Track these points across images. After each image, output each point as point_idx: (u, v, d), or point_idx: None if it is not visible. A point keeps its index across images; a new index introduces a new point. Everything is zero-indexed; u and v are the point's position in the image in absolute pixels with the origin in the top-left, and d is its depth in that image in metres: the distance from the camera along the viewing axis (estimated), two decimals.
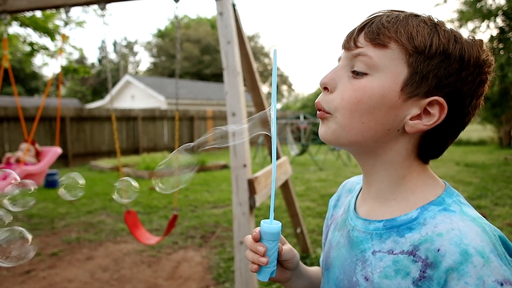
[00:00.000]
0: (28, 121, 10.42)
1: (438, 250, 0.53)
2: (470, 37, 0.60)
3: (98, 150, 12.15)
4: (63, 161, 11.01)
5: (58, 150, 4.76)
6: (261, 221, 0.65)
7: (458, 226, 0.54)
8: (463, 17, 10.14)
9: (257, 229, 0.66)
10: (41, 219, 5.33)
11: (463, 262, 0.51)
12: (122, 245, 4.17)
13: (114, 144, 12.49)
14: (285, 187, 3.38)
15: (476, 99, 0.61)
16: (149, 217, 5.27)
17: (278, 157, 3.24)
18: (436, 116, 0.59)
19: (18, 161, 4.56)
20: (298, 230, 3.53)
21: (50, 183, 7.68)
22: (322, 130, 0.65)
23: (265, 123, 0.71)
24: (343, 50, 0.65)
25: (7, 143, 10.25)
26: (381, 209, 0.66)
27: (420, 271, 0.55)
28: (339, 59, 0.66)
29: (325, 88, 0.65)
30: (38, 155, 4.74)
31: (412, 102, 0.59)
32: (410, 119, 0.59)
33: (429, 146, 0.63)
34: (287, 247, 0.71)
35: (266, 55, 39.44)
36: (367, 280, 0.61)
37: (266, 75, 37.84)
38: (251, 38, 38.57)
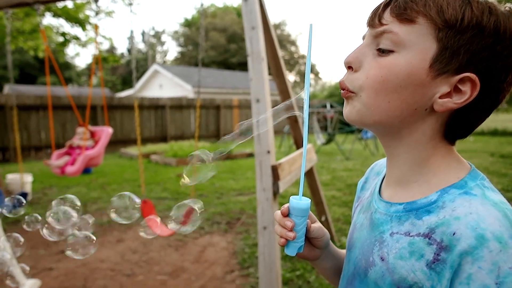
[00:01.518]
0: (62, 109, 10.91)
1: (454, 234, 0.52)
2: (506, 8, 0.56)
3: (128, 137, 12.52)
4: None
5: (109, 130, 5.00)
6: (291, 197, 0.66)
7: (477, 210, 0.52)
8: None
9: (287, 204, 0.67)
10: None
11: (478, 247, 0.49)
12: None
13: (144, 131, 12.84)
14: (309, 175, 3.36)
15: None
16: (176, 203, 5.39)
17: (303, 145, 3.22)
18: (467, 93, 0.55)
19: (79, 146, 4.83)
20: (323, 218, 3.51)
21: (84, 169, 8.02)
22: (347, 110, 0.64)
23: (290, 109, 0.70)
24: (368, 27, 0.62)
25: (43, 131, 10.76)
26: (403, 192, 0.64)
27: (434, 253, 0.53)
28: (364, 37, 0.64)
29: (350, 67, 0.63)
30: (93, 136, 5.00)
31: (441, 80, 0.56)
32: (439, 98, 0.57)
33: (457, 126, 0.60)
34: (317, 225, 0.72)
35: (293, 43, 38.92)
36: (382, 260, 0.61)
37: (292, 63, 37.40)
38: (277, 26, 38.10)
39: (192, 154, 0.71)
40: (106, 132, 5.02)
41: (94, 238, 1.07)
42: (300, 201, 0.65)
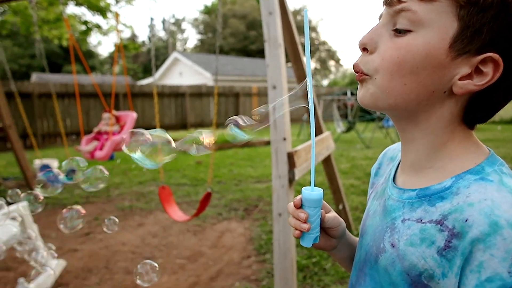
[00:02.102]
0: (85, 97, 11.19)
1: (466, 220, 0.50)
2: None
3: (149, 125, 12.74)
4: None
5: (134, 115, 5.13)
6: (302, 188, 0.65)
7: (492, 197, 0.50)
8: None
9: (299, 196, 0.66)
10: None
11: (491, 234, 0.47)
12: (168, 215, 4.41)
13: (164, 119, 13.04)
14: (327, 163, 3.33)
15: None
16: (195, 189, 5.50)
17: (320, 133, 3.18)
18: (489, 75, 0.52)
19: (106, 132, 5.00)
20: (340, 207, 3.49)
21: None
22: (361, 93, 0.62)
23: (305, 97, 0.68)
24: (384, 6, 0.59)
25: (69, 118, 11.10)
26: (417, 178, 0.62)
27: (446, 240, 0.52)
28: (380, 17, 0.61)
29: (364, 49, 0.60)
30: (118, 121, 5.16)
31: (461, 60, 0.53)
32: (459, 79, 0.54)
33: (478, 109, 0.57)
34: (332, 214, 0.71)
35: (313, 29, 38.19)
36: (393, 246, 0.59)
37: (312, 49, 36.76)
38: (297, 12, 37.41)
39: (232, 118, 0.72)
40: (130, 116, 5.16)
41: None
42: (312, 192, 0.64)
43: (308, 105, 0.65)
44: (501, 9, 0.50)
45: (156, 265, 1.15)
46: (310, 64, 0.66)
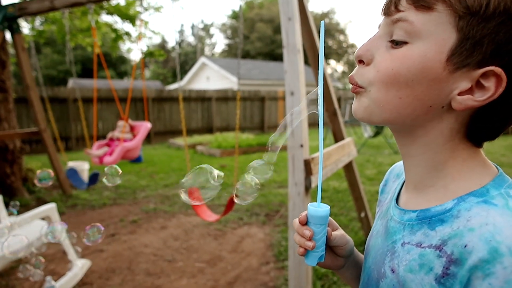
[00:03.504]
0: (114, 101, 11.61)
1: (465, 246, 0.47)
2: None
3: (176, 128, 13.02)
4: (146, 138, 12.08)
5: (148, 125, 5.27)
6: (308, 204, 0.63)
7: (494, 221, 0.46)
8: None
9: (305, 212, 0.64)
10: (125, 189, 5.97)
11: (490, 261, 0.43)
12: (192, 218, 4.47)
13: (190, 123, 13.28)
14: (348, 169, 3.26)
15: None
16: (219, 193, 5.54)
17: (341, 138, 3.12)
18: (491, 90, 0.49)
19: (118, 138, 5.17)
20: (362, 214, 3.40)
21: (136, 158, 8.53)
22: (354, 106, 0.60)
23: (328, 101, 0.67)
24: (383, 16, 0.57)
25: (101, 121, 11.55)
26: (419, 198, 0.59)
27: (444, 267, 0.49)
28: (379, 26, 0.59)
29: (360, 61, 0.58)
30: (132, 130, 5.31)
31: (461, 74, 0.50)
32: (459, 94, 0.51)
33: (481, 126, 0.53)
34: (339, 232, 0.68)
35: (342, 31, 37.70)
36: (393, 272, 0.57)
37: (340, 52, 36.33)
38: (325, 15, 37.09)
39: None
40: (144, 126, 5.26)
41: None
42: (319, 208, 0.62)
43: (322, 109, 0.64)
44: (504, 19, 0.47)
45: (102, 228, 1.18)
46: (322, 72, 0.64)
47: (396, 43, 0.53)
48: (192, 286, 2.85)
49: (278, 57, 31.86)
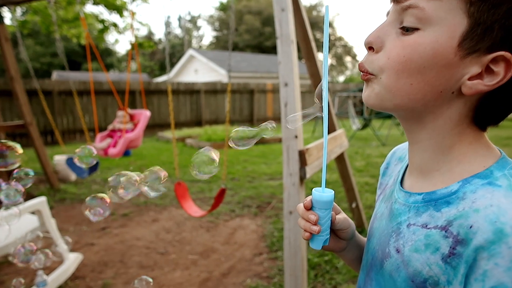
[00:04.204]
0: (103, 94, 11.41)
1: (471, 227, 0.48)
2: None
3: (165, 121, 12.90)
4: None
5: (147, 113, 5.22)
6: (313, 189, 0.64)
7: (498, 203, 0.48)
8: None
9: (309, 197, 0.65)
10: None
11: (496, 242, 0.45)
12: (184, 211, 4.46)
13: (179, 116, 13.17)
14: (340, 161, 3.30)
15: None
16: (209, 186, 5.54)
17: (333, 130, 3.15)
18: (500, 74, 0.50)
19: (119, 129, 5.10)
20: (353, 205, 3.45)
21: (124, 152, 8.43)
22: (366, 93, 0.60)
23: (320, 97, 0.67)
24: (392, 3, 0.57)
25: (87, 115, 11.35)
26: (424, 181, 0.61)
27: (450, 247, 0.50)
28: (387, 14, 0.59)
29: (370, 48, 0.59)
30: (132, 119, 5.26)
31: (471, 59, 0.51)
32: (469, 79, 0.52)
33: (488, 110, 0.55)
34: (341, 216, 0.69)
35: (330, 24, 37.74)
36: (398, 252, 0.58)
37: (329, 45, 36.39)
38: (313, 7, 37.05)
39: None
40: (144, 115, 5.23)
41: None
42: (323, 193, 0.62)
43: (322, 109, 0.64)
44: None
45: (151, 280, 1.16)
46: (327, 61, 0.64)
47: (407, 30, 0.54)
48: (186, 278, 2.85)
49: (267, 50, 31.73)
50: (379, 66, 0.56)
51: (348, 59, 42.17)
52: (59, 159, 6.32)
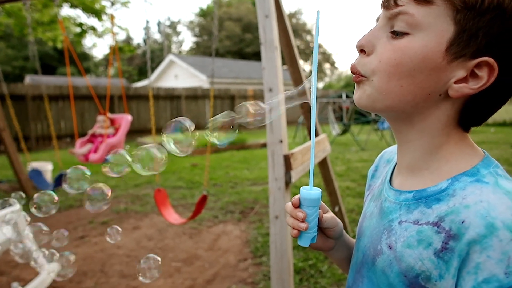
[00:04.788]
0: (80, 99, 11.13)
1: (463, 222, 0.51)
2: None
3: (144, 127, 12.71)
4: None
5: (129, 118, 5.10)
6: (301, 188, 0.65)
7: (487, 198, 0.51)
8: None
9: (297, 195, 0.66)
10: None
11: (487, 235, 0.48)
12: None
13: (159, 121, 12.99)
14: (323, 165, 3.34)
15: None
16: (191, 192, 5.48)
17: (316, 135, 3.19)
18: (484, 79, 0.53)
19: (100, 134, 4.96)
20: (336, 209, 3.50)
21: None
22: (357, 95, 0.62)
23: (303, 95, 0.69)
24: (382, 9, 0.60)
25: (63, 120, 11.03)
26: (413, 180, 0.63)
27: (443, 242, 0.52)
28: (378, 19, 0.62)
29: (362, 51, 0.61)
30: (112, 124, 5.12)
31: (457, 64, 0.54)
32: (455, 83, 0.55)
33: (473, 112, 0.58)
34: (329, 215, 0.71)
35: (308, 32, 38.36)
36: (390, 248, 0.60)
37: (308, 52, 36.93)
38: (292, 15, 37.59)
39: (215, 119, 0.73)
40: (125, 119, 5.12)
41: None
42: (311, 191, 0.64)
43: (308, 102, 0.66)
44: (497, 14, 0.51)
45: (159, 259, 1.15)
46: (316, 63, 0.66)
47: (397, 34, 0.56)
48: (169, 286, 2.80)
49: (247, 56, 31.89)
50: (371, 68, 0.59)
51: (327, 66, 42.90)
52: (33, 166, 6.10)
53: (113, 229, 1.25)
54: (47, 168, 6.01)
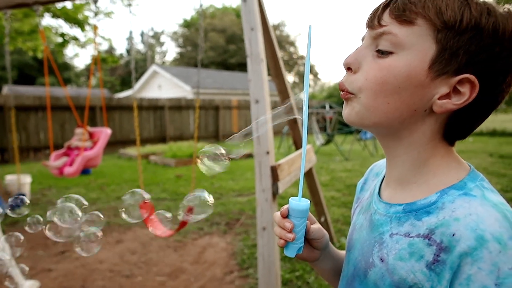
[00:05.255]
0: (61, 110, 10.89)
1: (453, 235, 0.52)
2: (505, 9, 0.56)
3: (127, 138, 12.51)
4: None
5: (108, 131, 4.98)
6: (290, 198, 0.66)
7: (476, 211, 0.52)
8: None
9: (286, 206, 0.67)
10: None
11: (478, 248, 0.49)
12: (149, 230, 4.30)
13: (143, 132, 12.83)
14: (309, 176, 3.36)
15: (511, 75, 0.57)
16: (176, 204, 5.40)
17: (302, 147, 3.22)
18: (466, 95, 0.56)
19: (77, 147, 4.82)
20: (322, 219, 3.51)
21: (83, 170, 8.02)
22: (346, 112, 0.64)
23: (291, 112, 0.70)
24: (367, 28, 0.62)
25: (42, 132, 10.74)
26: (403, 193, 0.64)
27: (434, 254, 0.53)
28: (363, 38, 0.64)
29: (349, 69, 0.63)
30: (91, 137, 4.99)
31: (440, 81, 0.56)
32: (439, 99, 0.57)
33: (457, 127, 0.60)
34: (316, 226, 0.72)
35: (292, 43, 38.94)
36: (382, 261, 0.61)
37: (291, 64, 37.44)
38: (276, 27, 38.13)
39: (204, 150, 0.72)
40: (104, 133, 5.01)
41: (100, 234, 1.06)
42: (300, 202, 0.65)
43: (299, 117, 0.68)
44: (475, 33, 0.54)
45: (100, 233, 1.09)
46: (308, 77, 0.67)
47: (382, 53, 0.59)
48: None
49: (231, 67, 32.04)
50: (358, 86, 0.61)
51: (310, 77, 43.61)
52: (11, 179, 5.89)
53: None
54: (25, 181, 5.82)
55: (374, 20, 0.60)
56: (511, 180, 6.09)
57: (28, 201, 1.26)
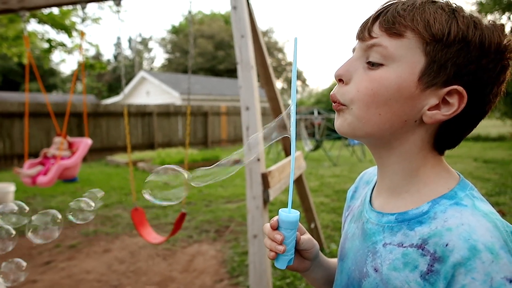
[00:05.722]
0: (46, 116, 10.70)
1: (447, 245, 0.53)
2: (490, 22, 0.58)
3: (114, 145, 12.35)
4: None
5: (88, 141, 4.88)
6: (279, 210, 0.66)
7: (468, 221, 0.53)
8: (483, 9, 9.89)
9: (276, 217, 0.66)
10: (59, 212, 5.47)
11: (471, 258, 0.50)
12: (138, 238, 4.24)
13: (130, 139, 12.69)
14: (298, 182, 3.37)
15: (498, 86, 0.59)
16: (164, 211, 5.34)
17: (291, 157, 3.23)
18: (455, 105, 0.57)
19: (54, 156, 4.69)
20: (312, 225, 3.52)
21: (70, 178, 7.87)
22: (338, 123, 0.65)
23: (283, 130, 0.70)
24: (357, 40, 0.63)
25: (30, 138, 10.53)
26: (395, 202, 0.65)
27: (428, 265, 0.54)
28: (354, 50, 0.65)
29: (340, 80, 0.64)
30: (70, 147, 4.87)
31: (430, 92, 0.57)
32: (428, 110, 0.58)
33: (446, 136, 0.62)
34: (306, 236, 0.71)
35: (280, 50, 39.23)
36: (376, 271, 0.61)
37: (280, 70, 37.68)
38: (264, 33, 38.40)
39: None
40: (84, 143, 4.88)
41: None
42: (289, 214, 0.65)
43: (288, 134, 0.68)
44: (463, 45, 0.55)
45: (24, 264, 0.99)
46: (295, 87, 0.68)
47: (373, 65, 0.60)
48: None
49: (220, 73, 32.06)
50: (350, 97, 0.61)
51: (298, 83, 43.91)
52: None
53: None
54: (8, 189, 5.68)
55: (365, 32, 0.61)
56: (495, 185, 6.22)
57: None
